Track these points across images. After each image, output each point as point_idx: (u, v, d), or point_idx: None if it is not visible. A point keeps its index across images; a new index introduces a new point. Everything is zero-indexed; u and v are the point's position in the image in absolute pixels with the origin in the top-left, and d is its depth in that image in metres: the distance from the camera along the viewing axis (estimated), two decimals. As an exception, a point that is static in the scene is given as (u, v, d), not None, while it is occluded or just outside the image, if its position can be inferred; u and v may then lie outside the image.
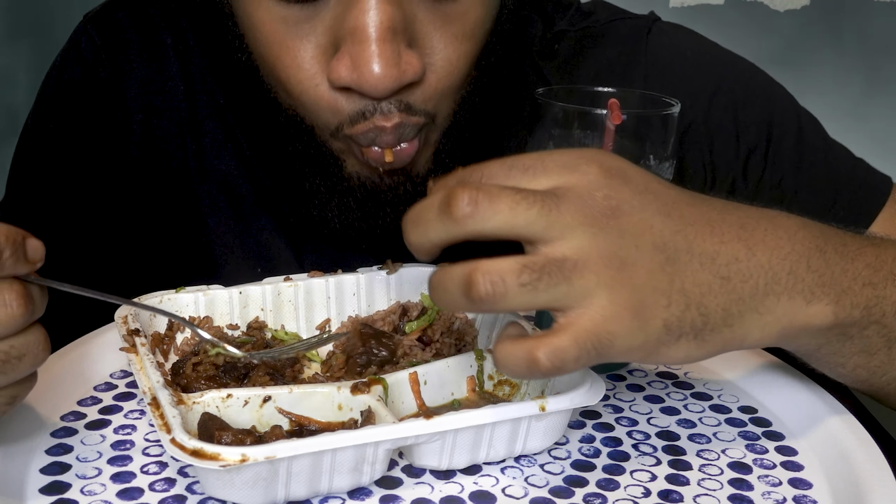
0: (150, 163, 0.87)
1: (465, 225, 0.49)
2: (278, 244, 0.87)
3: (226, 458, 0.49)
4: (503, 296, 0.49)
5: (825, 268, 0.57)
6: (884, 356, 0.61)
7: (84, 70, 0.87)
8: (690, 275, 0.53)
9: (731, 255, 0.54)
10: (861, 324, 0.58)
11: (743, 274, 0.54)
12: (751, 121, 0.87)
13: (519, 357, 0.50)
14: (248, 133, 0.87)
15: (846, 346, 0.59)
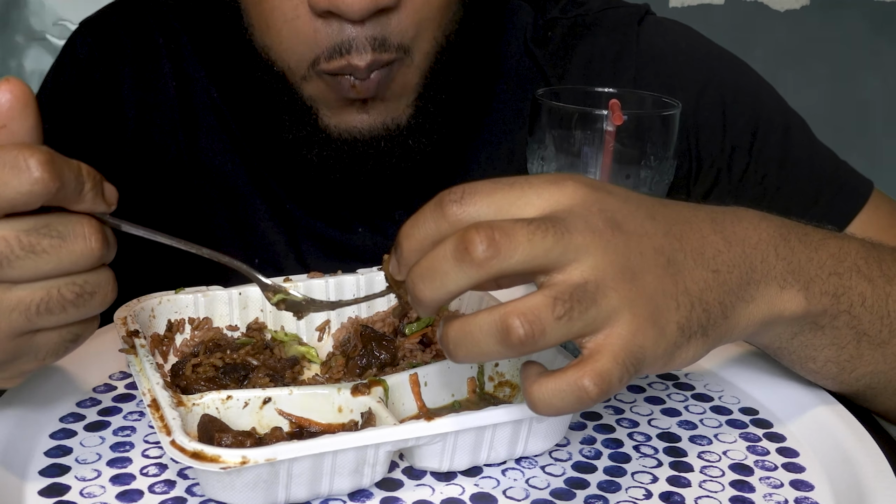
0: (144, 157, 0.88)
1: (489, 267, 0.48)
2: (274, 232, 0.88)
3: (226, 460, 0.49)
4: (542, 334, 0.48)
5: (791, 256, 0.57)
6: (853, 350, 0.61)
7: (79, 71, 0.89)
8: (688, 273, 0.53)
9: (715, 249, 0.54)
10: (831, 312, 0.59)
11: (728, 265, 0.54)
12: (738, 116, 0.87)
13: (565, 391, 0.48)
14: (241, 120, 0.88)
15: (817, 338, 0.60)
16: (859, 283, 0.60)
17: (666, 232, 0.53)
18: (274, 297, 0.60)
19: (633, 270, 0.50)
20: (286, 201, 0.88)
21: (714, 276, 0.54)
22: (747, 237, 0.56)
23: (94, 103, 0.88)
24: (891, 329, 0.62)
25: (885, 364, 0.63)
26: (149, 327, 0.66)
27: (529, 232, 0.48)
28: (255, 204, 0.88)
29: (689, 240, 0.54)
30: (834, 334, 0.60)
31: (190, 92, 0.88)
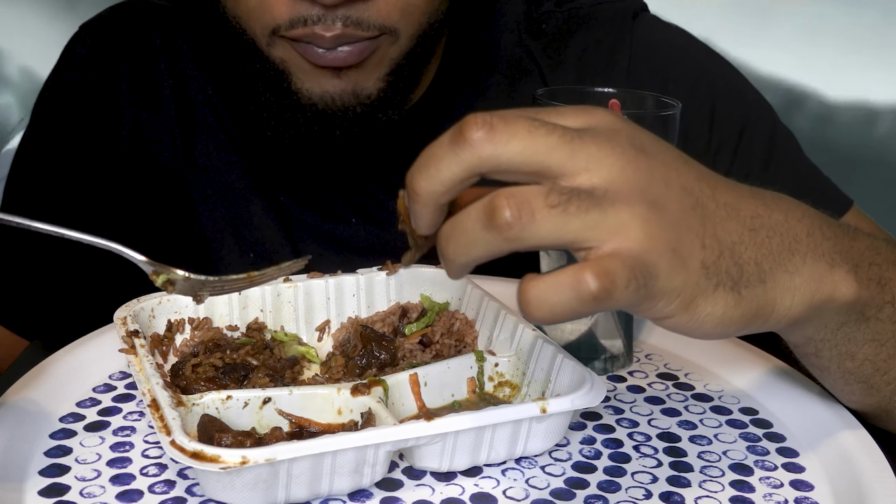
0: (141, 155, 0.89)
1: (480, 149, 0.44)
2: (269, 227, 0.88)
3: (226, 461, 0.49)
4: (531, 220, 0.43)
5: (836, 238, 0.53)
6: (891, 348, 0.58)
7: (77, 72, 0.90)
8: (720, 222, 0.48)
9: (753, 209, 0.50)
10: (877, 302, 0.55)
11: (768, 228, 0.50)
12: (726, 116, 0.87)
13: (563, 284, 0.43)
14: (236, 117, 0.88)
15: (861, 331, 0.56)
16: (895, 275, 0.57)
17: (698, 178, 0.49)
18: (158, 278, 0.58)
19: (654, 196, 0.46)
20: (281, 196, 0.88)
21: (751, 234, 0.49)
22: (791, 210, 0.52)
23: (92, 102, 0.89)
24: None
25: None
26: (149, 327, 0.66)
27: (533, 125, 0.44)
28: (251, 200, 0.89)
29: (723, 193, 0.49)
30: (877, 328, 0.56)
31: (186, 91, 0.89)
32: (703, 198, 0.48)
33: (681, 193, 0.47)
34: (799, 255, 0.51)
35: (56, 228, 0.55)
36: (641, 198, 0.45)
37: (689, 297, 0.47)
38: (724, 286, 0.48)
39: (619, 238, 0.44)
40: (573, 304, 0.44)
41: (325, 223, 0.88)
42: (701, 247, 0.47)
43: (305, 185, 0.88)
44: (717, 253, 0.48)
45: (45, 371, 0.65)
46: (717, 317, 0.48)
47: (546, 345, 0.62)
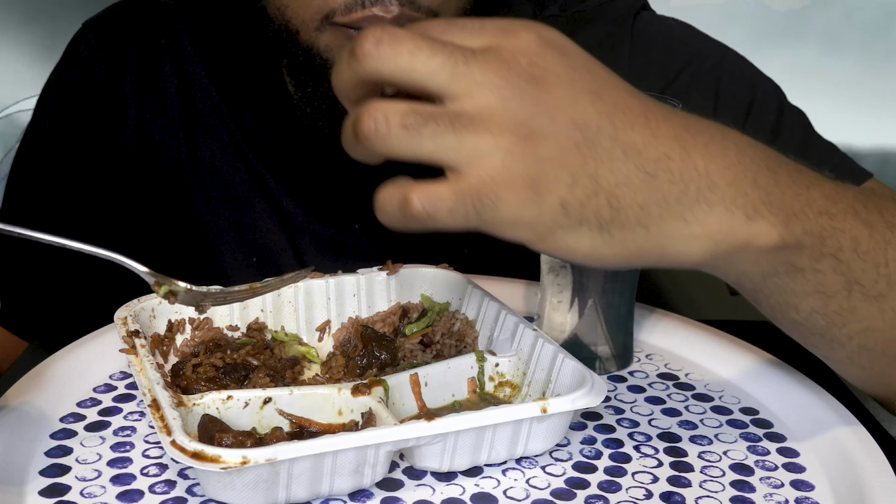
0: (143, 156, 0.89)
1: (364, 63, 0.46)
2: (272, 231, 0.88)
3: (226, 461, 0.49)
4: (385, 136, 0.46)
5: (774, 187, 0.53)
6: (843, 301, 0.56)
7: (81, 70, 0.90)
8: (608, 162, 0.49)
9: (662, 152, 0.50)
10: (813, 253, 0.54)
11: (672, 174, 0.50)
12: (731, 98, 0.86)
13: (393, 197, 0.47)
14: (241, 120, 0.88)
15: (798, 283, 0.55)
16: (854, 226, 0.55)
17: (603, 113, 0.49)
18: (160, 289, 0.59)
19: (532, 129, 0.47)
20: (284, 200, 0.88)
21: (645, 178, 0.49)
22: (722, 155, 0.52)
23: (96, 102, 0.89)
24: (889, 281, 0.56)
25: (883, 321, 0.57)
26: (149, 327, 0.66)
27: (417, 47, 0.46)
28: (254, 204, 0.88)
29: (630, 132, 0.49)
30: (818, 280, 0.55)
31: (191, 92, 0.89)
32: (598, 135, 0.48)
33: (568, 129, 0.48)
34: (706, 205, 0.50)
35: (59, 239, 0.55)
36: (514, 129, 0.47)
37: (544, 230, 0.48)
38: (588, 225, 0.49)
39: (474, 165, 0.46)
40: (399, 217, 0.47)
41: (328, 229, 0.88)
42: (569, 185, 0.48)
43: (310, 191, 0.88)
44: (589, 192, 0.48)
45: (46, 371, 0.66)
46: (583, 251, 0.50)
47: (546, 345, 0.62)
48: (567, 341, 0.70)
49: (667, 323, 0.77)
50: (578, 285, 0.68)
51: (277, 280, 0.63)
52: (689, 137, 0.51)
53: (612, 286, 0.68)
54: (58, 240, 0.56)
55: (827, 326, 0.57)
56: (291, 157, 0.88)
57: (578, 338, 0.70)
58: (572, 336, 0.70)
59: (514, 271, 0.86)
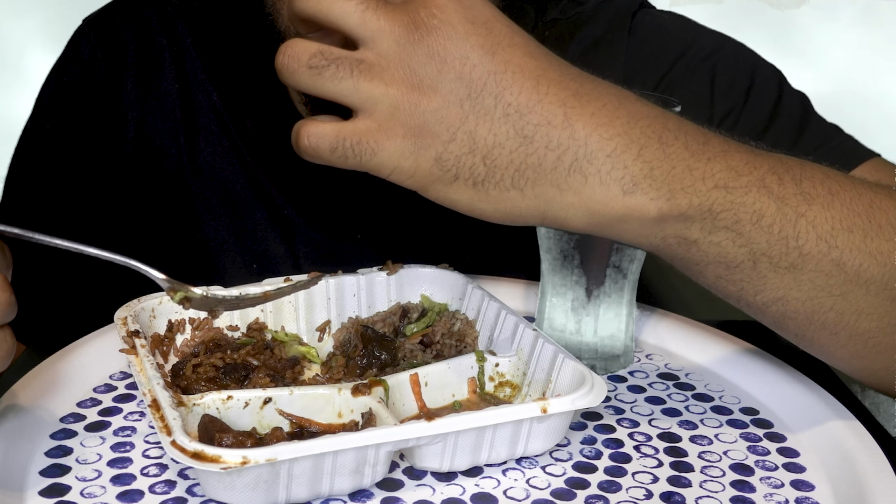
0: (144, 160, 0.88)
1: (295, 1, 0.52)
2: (272, 238, 0.88)
3: (227, 461, 0.49)
4: (294, 71, 0.51)
5: (661, 160, 0.53)
6: (749, 271, 0.56)
7: (81, 71, 0.88)
8: (488, 121, 0.51)
9: (544, 117, 0.51)
10: (704, 226, 0.54)
11: (550, 140, 0.51)
12: (727, 86, 0.86)
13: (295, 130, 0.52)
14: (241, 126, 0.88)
15: (692, 253, 0.55)
16: (758, 199, 0.54)
17: (492, 72, 0.51)
18: (176, 295, 0.60)
19: (420, 79, 0.51)
20: (285, 208, 0.88)
21: (522, 141, 0.51)
22: (608, 125, 0.52)
23: (96, 104, 0.88)
24: (802, 253, 0.55)
25: (800, 291, 0.57)
26: (149, 327, 0.66)
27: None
28: (254, 210, 0.88)
29: (515, 93, 0.51)
30: (716, 252, 0.55)
31: (192, 95, 0.88)
32: (482, 93, 0.51)
33: (453, 83, 0.51)
34: (581, 175, 0.52)
35: (73, 244, 0.56)
36: (406, 79, 0.50)
37: (423, 180, 0.52)
38: (463, 180, 0.52)
39: (366, 110, 0.51)
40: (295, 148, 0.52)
41: (329, 238, 0.88)
42: (446, 141, 0.51)
43: (311, 199, 0.88)
44: (465, 149, 0.51)
45: (46, 371, 0.66)
46: (463, 204, 0.53)
47: (546, 345, 0.62)
48: (567, 341, 0.70)
49: (667, 323, 0.77)
50: (578, 285, 0.68)
51: (289, 285, 0.64)
52: (577, 104, 0.52)
53: (613, 286, 0.68)
54: (73, 245, 0.56)
55: (738, 293, 0.57)
56: (292, 164, 0.87)
57: (578, 337, 0.70)
58: (572, 336, 0.70)
59: (514, 271, 0.86)
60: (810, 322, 0.58)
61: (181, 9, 0.90)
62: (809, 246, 0.55)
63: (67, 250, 0.57)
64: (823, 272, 0.56)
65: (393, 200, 0.87)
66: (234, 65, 0.89)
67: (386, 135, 0.51)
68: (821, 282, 0.56)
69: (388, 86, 0.51)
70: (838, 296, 0.57)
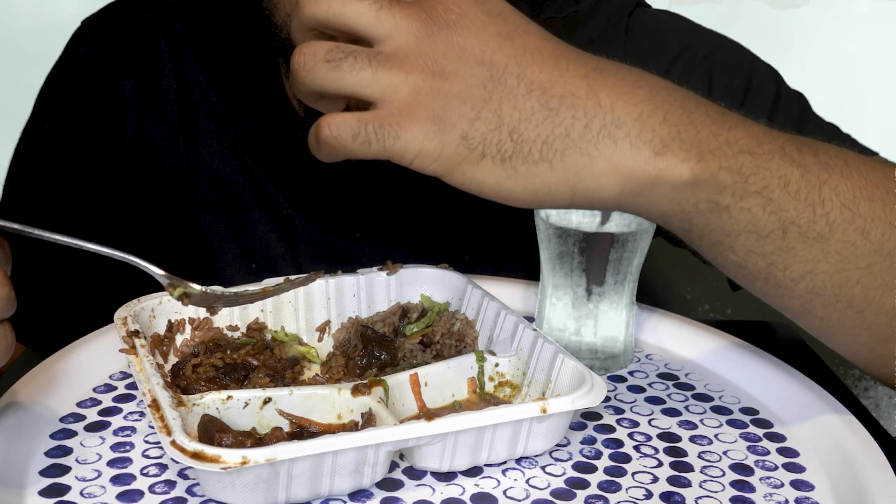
0: (143, 160, 0.88)
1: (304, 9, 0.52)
2: (272, 238, 0.88)
3: (226, 461, 0.49)
4: (310, 68, 0.51)
5: (687, 125, 0.53)
6: (779, 241, 0.55)
7: (80, 72, 0.89)
8: (512, 98, 0.51)
9: (567, 90, 0.52)
10: (735, 191, 0.53)
11: (576, 110, 0.52)
12: (725, 86, 0.86)
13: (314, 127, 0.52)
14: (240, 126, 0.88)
15: (725, 221, 0.55)
16: (782, 165, 0.54)
17: (512, 55, 0.52)
18: (175, 291, 0.60)
19: (442, 68, 0.51)
20: (284, 208, 0.88)
21: (547, 114, 0.51)
22: (631, 93, 0.53)
23: (96, 105, 0.89)
24: (829, 221, 0.55)
25: (828, 263, 0.56)
26: (149, 327, 0.66)
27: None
28: (254, 209, 0.88)
29: (537, 71, 0.52)
30: (747, 219, 0.54)
31: (190, 96, 0.88)
32: (504, 74, 0.52)
33: (474, 67, 0.51)
34: (611, 140, 0.52)
35: (72, 240, 0.56)
36: (426, 67, 0.51)
37: (449, 161, 0.51)
38: (491, 158, 0.51)
39: (386, 98, 0.51)
40: (314, 143, 0.52)
41: (328, 237, 0.88)
42: (472, 119, 0.51)
43: (310, 198, 0.88)
44: (491, 126, 0.51)
45: (46, 371, 0.66)
46: (490, 185, 0.52)
47: (546, 345, 0.62)
48: (567, 341, 0.70)
49: (667, 323, 0.77)
50: (578, 285, 0.68)
51: (288, 283, 0.64)
52: (598, 77, 0.53)
53: (613, 286, 0.68)
54: (73, 241, 0.56)
55: (768, 268, 0.57)
56: (291, 164, 0.87)
57: (578, 338, 0.70)
58: (572, 336, 0.70)
59: (513, 271, 0.86)
60: (837, 299, 0.58)
61: (179, 10, 0.90)
62: (835, 214, 0.55)
63: (67, 248, 0.56)
64: (849, 242, 0.56)
65: (393, 200, 0.87)
66: (232, 65, 0.89)
67: (409, 118, 0.51)
68: (847, 252, 0.56)
69: (409, 73, 0.51)
70: (864, 268, 0.57)
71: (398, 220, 0.88)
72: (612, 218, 0.68)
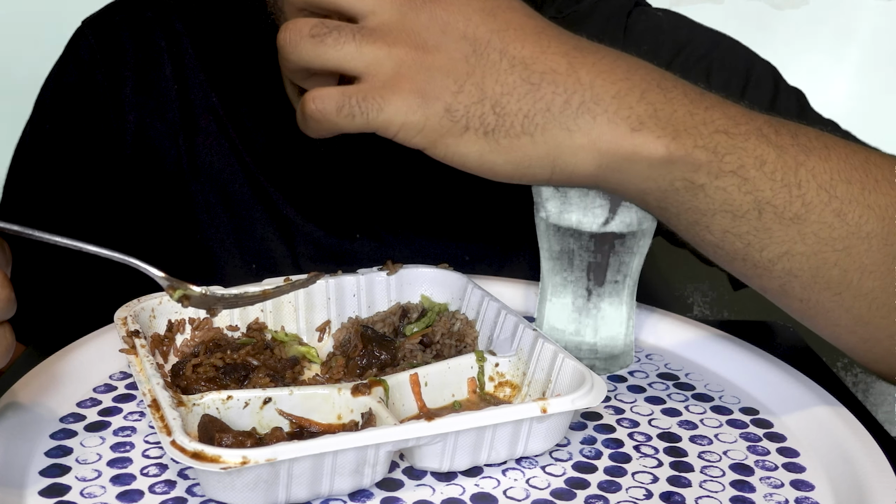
0: (143, 160, 0.89)
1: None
2: (272, 238, 0.88)
3: (226, 461, 0.49)
4: (296, 43, 0.52)
5: (664, 103, 0.54)
6: (754, 222, 0.56)
7: (81, 72, 0.89)
8: (494, 73, 0.53)
9: (549, 66, 0.53)
10: (711, 170, 0.54)
11: (556, 86, 0.53)
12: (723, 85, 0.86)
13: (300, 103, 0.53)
14: (240, 126, 0.88)
15: (700, 200, 0.55)
16: (759, 145, 0.55)
17: (494, 30, 0.53)
18: (175, 293, 0.60)
19: (425, 41, 0.52)
20: (284, 207, 0.88)
21: (529, 88, 0.53)
22: (609, 72, 0.54)
23: (96, 105, 0.89)
24: (805, 202, 0.55)
25: (805, 245, 0.56)
26: (149, 327, 0.66)
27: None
28: (253, 209, 0.88)
29: (519, 47, 0.53)
30: (723, 198, 0.55)
31: (190, 96, 0.88)
32: (486, 49, 0.53)
33: (457, 41, 0.52)
34: (589, 115, 0.53)
35: (72, 241, 0.56)
36: (409, 41, 0.52)
37: (433, 134, 0.52)
38: (474, 130, 0.52)
39: (370, 71, 0.52)
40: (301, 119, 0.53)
41: (329, 237, 0.88)
42: (455, 92, 0.52)
43: (310, 198, 0.88)
44: (474, 99, 0.52)
45: (46, 371, 0.66)
46: (473, 158, 0.53)
47: (546, 345, 0.62)
48: (567, 341, 0.70)
49: (667, 323, 0.77)
50: (578, 285, 0.68)
51: (288, 284, 0.64)
52: (578, 55, 0.54)
53: (613, 286, 0.68)
54: (72, 242, 0.56)
55: (745, 249, 0.57)
56: (291, 164, 0.88)
57: (578, 338, 0.70)
58: (572, 336, 0.70)
59: (513, 271, 0.86)
60: (815, 280, 0.58)
61: (180, 10, 0.90)
62: (811, 195, 0.56)
63: (67, 249, 0.57)
64: (826, 224, 0.56)
65: (393, 200, 0.87)
66: (233, 66, 0.89)
67: (392, 90, 0.51)
68: (824, 234, 0.56)
69: (392, 46, 0.52)
70: (841, 250, 0.57)
71: (398, 220, 0.88)
72: (613, 218, 0.68)
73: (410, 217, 0.88)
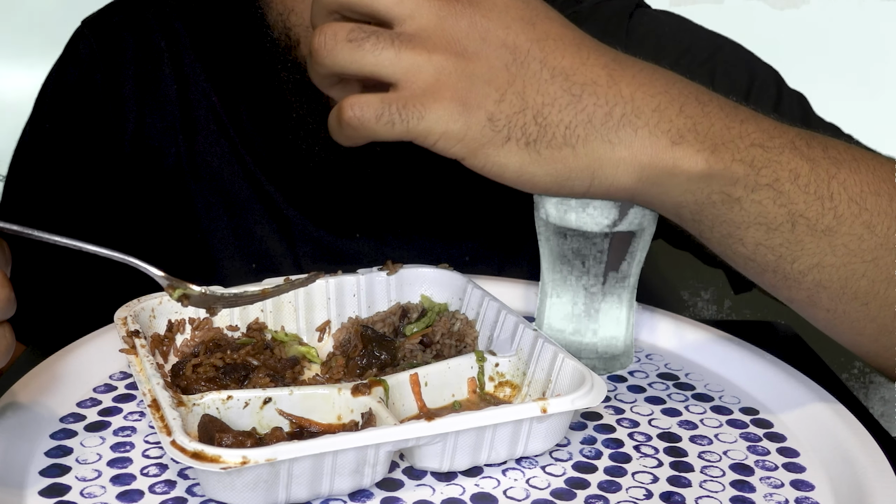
0: (143, 160, 0.89)
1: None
2: (272, 237, 0.88)
3: (226, 461, 0.49)
4: (332, 48, 0.51)
5: (702, 117, 0.54)
6: (787, 234, 0.56)
7: (80, 72, 0.89)
8: (535, 83, 0.52)
9: (590, 78, 0.53)
10: (748, 183, 0.54)
11: (598, 98, 0.52)
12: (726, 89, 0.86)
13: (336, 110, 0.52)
14: (240, 126, 0.88)
15: (736, 213, 0.55)
16: (792, 159, 0.55)
17: (535, 40, 0.52)
18: (174, 292, 0.60)
19: (465, 48, 0.51)
20: (284, 207, 0.88)
21: (571, 99, 0.52)
22: (649, 84, 0.54)
23: (95, 104, 0.89)
24: (837, 215, 0.56)
25: (835, 257, 0.57)
26: (149, 327, 0.66)
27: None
28: (254, 209, 0.88)
29: (559, 58, 0.53)
30: (758, 211, 0.55)
31: (190, 96, 0.88)
32: (527, 58, 0.52)
33: (498, 49, 0.51)
34: (631, 128, 0.53)
35: (72, 241, 0.56)
36: (449, 47, 0.50)
37: (474, 143, 0.51)
38: (515, 140, 0.51)
39: (409, 78, 0.50)
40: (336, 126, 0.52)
41: (329, 236, 0.88)
42: (497, 101, 0.51)
43: (310, 198, 0.88)
44: (516, 108, 0.51)
45: (46, 371, 0.66)
46: (513, 169, 0.52)
47: (546, 345, 0.62)
48: (567, 341, 0.70)
49: (667, 323, 0.77)
50: (578, 285, 0.68)
51: (288, 284, 0.64)
52: (618, 67, 0.54)
53: (613, 286, 0.68)
54: (72, 242, 0.56)
55: (777, 261, 0.57)
56: (290, 163, 0.88)
57: (578, 338, 0.70)
58: (572, 336, 0.70)
59: (513, 271, 0.86)
60: (843, 291, 0.58)
61: (180, 10, 0.90)
62: (843, 208, 0.56)
63: (67, 249, 0.57)
64: (856, 235, 0.56)
65: (393, 199, 0.87)
66: (232, 65, 0.89)
67: (433, 97, 0.50)
68: (854, 246, 0.57)
69: (432, 53, 0.50)
70: (870, 261, 0.57)
71: (399, 220, 0.88)
72: (613, 218, 0.68)
73: (410, 217, 0.88)
